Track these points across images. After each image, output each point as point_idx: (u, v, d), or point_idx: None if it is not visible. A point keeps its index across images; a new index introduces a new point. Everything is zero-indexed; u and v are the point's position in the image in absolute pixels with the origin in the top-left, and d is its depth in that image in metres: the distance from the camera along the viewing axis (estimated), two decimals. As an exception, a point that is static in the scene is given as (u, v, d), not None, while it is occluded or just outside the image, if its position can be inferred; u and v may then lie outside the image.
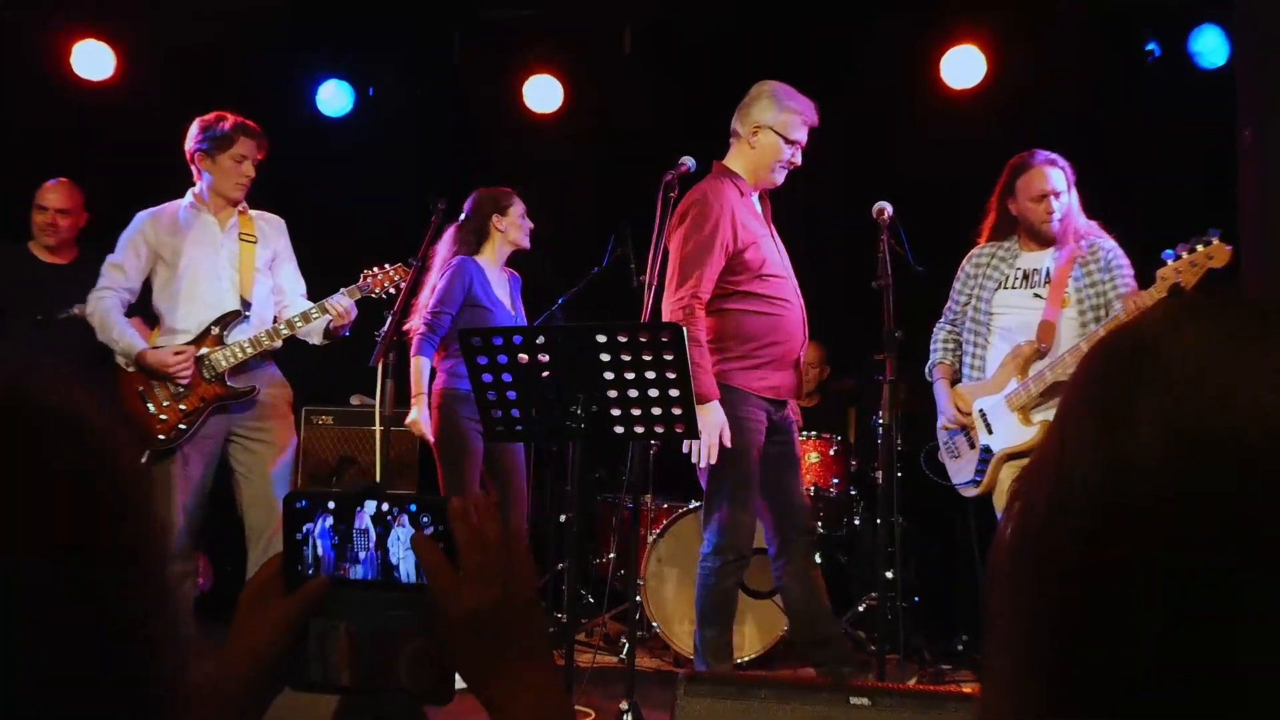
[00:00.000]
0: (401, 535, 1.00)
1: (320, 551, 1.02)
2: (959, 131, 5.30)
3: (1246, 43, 3.52)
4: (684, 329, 3.05)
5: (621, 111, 5.84)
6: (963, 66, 5.38)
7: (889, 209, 3.86)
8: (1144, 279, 3.69)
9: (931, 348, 4.11)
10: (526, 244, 4.57)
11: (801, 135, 3.83)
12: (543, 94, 5.83)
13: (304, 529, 1.02)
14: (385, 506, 1.01)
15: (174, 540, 3.83)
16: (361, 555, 1.01)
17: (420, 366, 4.39)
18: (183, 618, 0.81)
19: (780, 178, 3.88)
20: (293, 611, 1.01)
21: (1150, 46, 5.32)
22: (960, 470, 4.01)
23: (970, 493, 3.98)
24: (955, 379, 4.06)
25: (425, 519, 0.99)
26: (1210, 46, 5.18)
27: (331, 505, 1.02)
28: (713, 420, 3.53)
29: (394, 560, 1.01)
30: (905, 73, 5.55)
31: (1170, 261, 3.53)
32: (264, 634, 1.01)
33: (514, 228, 4.53)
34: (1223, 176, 3.71)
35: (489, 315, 4.38)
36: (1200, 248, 3.48)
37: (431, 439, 4.41)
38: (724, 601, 3.79)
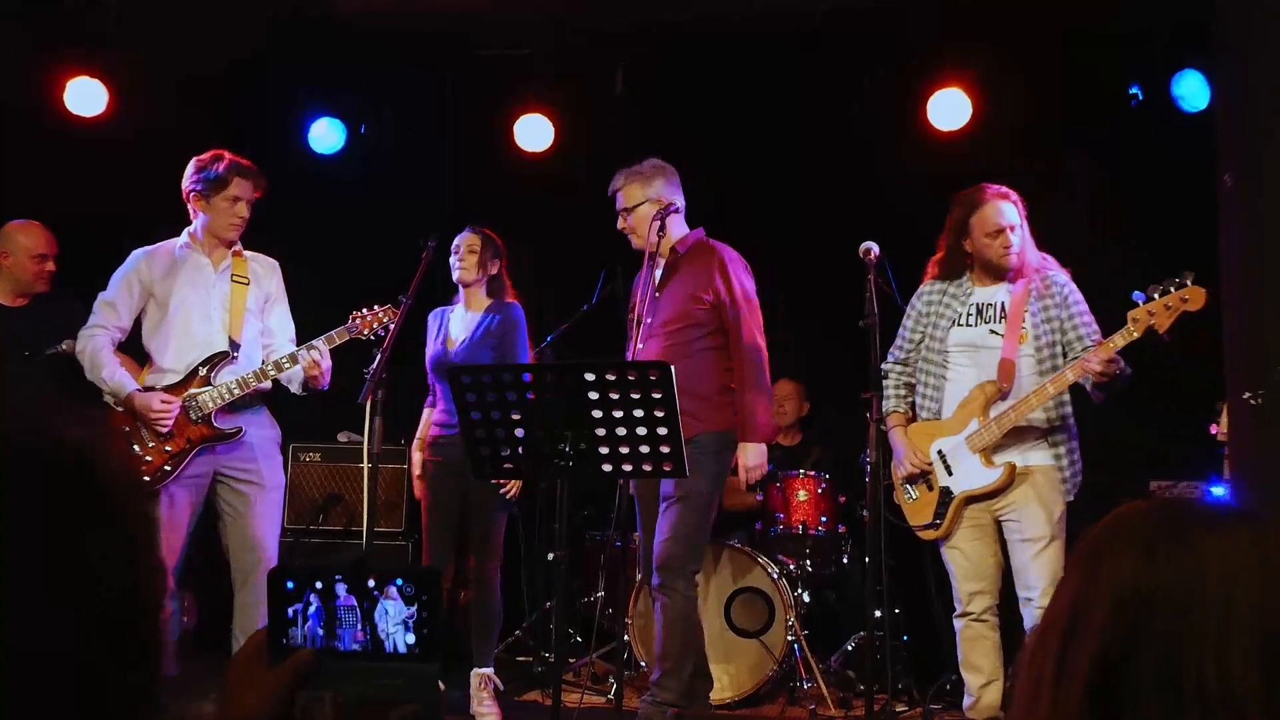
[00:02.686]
0: (389, 609, 1.03)
1: (308, 631, 1.04)
2: (945, 172, 5.34)
3: (1226, 89, 3.58)
4: (672, 368, 3.06)
5: (612, 151, 5.87)
6: (949, 108, 5.44)
7: (875, 249, 3.89)
8: (1121, 318, 3.69)
9: (883, 394, 4.00)
10: (460, 279, 4.57)
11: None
12: (534, 132, 5.86)
13: (292, 610, 1.05)
14: (370, 583, 1.04)
15: (168, 586, 3.81)
16: (349, 632, 1.04)
17: (426, 416, 4.69)
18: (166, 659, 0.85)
19: (633, 244, 4.21)
20: (280, 683, 1.03)
21: (1134, 90, 5.39)
22: (918, 513, 3.93)
23: (929, 535, 3.91)
24: (910, 421, 4.00)
25: (411, 590, 1.02)
26: (1192, 91, 5.25)
27: (319, 585, 1.04)
28: None
29: (382, 634, 1.03)
30: (892, 114, 5.61)
31: (1141, 303, 3.47)
32: (251, 706, 1.03)
33: (455, 269, 4.59)
34: (1205, 218, 3.74)
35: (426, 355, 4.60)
36: (1174, 290, 3.42)
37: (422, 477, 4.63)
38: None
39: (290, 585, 1.05)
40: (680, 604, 3.96)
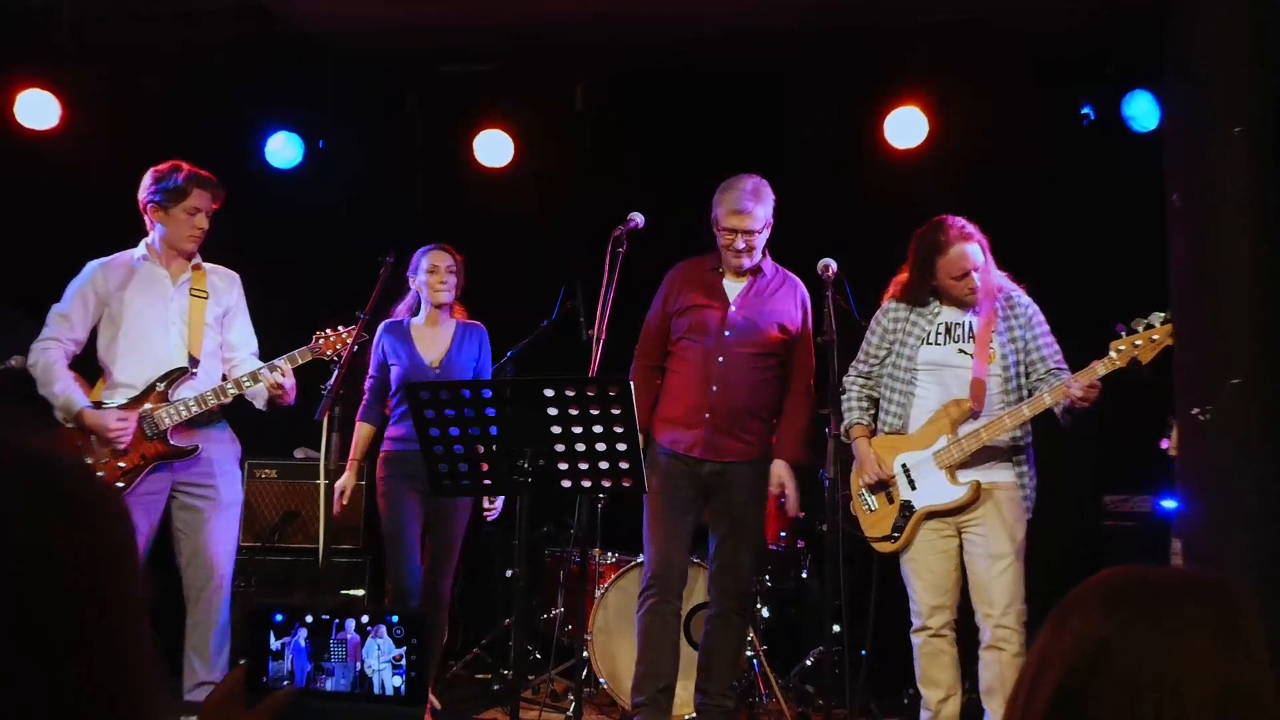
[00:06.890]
0: (378, 647, 1.02)
1: (293, 665, 1.03)
2: (902, 189, 5.41)
3: (1173, 111, 3.66)
4: (631, 383, 3.08)
5: (572, 167, 5.90)
6: (905, 127, 5.50)
7: (833, 265, 3.94)
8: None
9: (844, 407, 4.03)
10: (437, 299, 4.51)
11: (728, 224, 4.12)
12: (494, 148, 5.86)
13: (280, 643, 1.03)
14: (365, 619, 1.03)
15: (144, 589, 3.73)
16: (337, 667, 1.02)
17: (358, 432, 4.53)
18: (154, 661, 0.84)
19: (735, 260, 4.17)
20: None
21: (1085, 110, 5.49)
22: (876, 524, 3.96)
23: (886, 548, 3.94)
24: (872, 434, 4.02)
25: (400, 632, 1.02)
26: (1143, 111, 5.34)
27: (309, 620, 1.03)
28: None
29: (369, 671, 1.02)
30: (849, 132, 5.66)
31: (1124, 335, 3.60)
32: None
33: (424, 286, 4.52)
34: (1156, 236, 3.81)
35: (398, 373, 4.47)
36: (1158, 324, 3.57)
37: (345, 502, 4.49)
38: (642, 632, 4.12)
39: (278, 618, 1.04)
40: (745, 623, 4.26)
